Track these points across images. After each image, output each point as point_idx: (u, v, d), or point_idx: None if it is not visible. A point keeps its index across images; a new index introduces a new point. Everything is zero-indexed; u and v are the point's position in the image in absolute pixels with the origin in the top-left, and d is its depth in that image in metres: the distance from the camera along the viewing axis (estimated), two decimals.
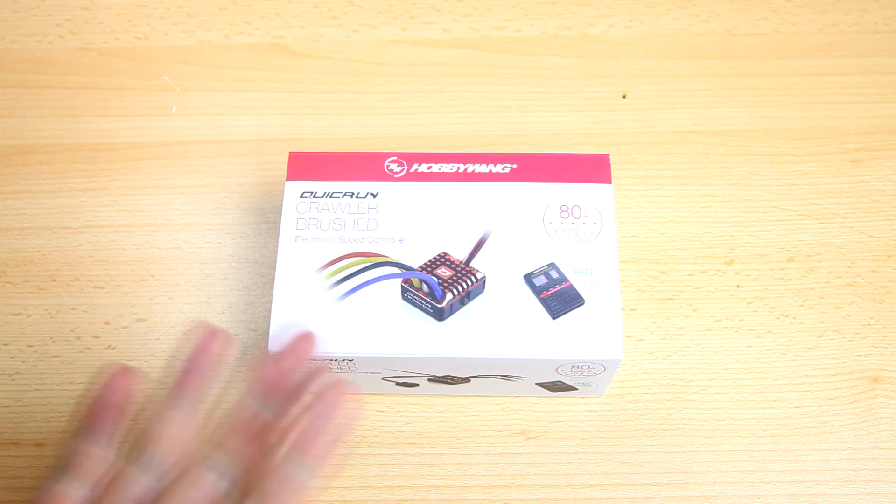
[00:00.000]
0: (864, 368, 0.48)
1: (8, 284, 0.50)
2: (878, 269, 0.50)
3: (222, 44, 0.57)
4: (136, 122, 0.55)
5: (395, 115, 0.55)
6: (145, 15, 0.58)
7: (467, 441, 0.47)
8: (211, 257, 0.51)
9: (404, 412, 0.47)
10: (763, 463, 0.46)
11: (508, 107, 0.55)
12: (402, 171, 0.45)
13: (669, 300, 0.50)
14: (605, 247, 0.44)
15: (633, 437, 0.47)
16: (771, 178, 0.53)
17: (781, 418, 0.47)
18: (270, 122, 0.55)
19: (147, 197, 0.53)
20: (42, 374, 0.48)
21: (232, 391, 0.36)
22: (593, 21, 0.58)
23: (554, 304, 0.42)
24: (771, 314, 0.49)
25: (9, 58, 0.57)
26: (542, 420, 0.47)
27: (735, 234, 0.51)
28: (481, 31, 0.58)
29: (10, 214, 0.52)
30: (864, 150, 0.54)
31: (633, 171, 0.53)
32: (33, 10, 0.59)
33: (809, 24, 0.57)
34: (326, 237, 0.44)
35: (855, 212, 0.52)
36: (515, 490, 0.46)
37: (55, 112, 0.55)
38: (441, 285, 0.42)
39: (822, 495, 0.45)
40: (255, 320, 0.49)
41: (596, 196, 0.45)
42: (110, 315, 0.50)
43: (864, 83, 0.55)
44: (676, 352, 0.48)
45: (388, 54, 0.57)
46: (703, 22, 0.58)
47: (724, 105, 0.55)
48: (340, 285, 0.43)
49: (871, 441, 0.46)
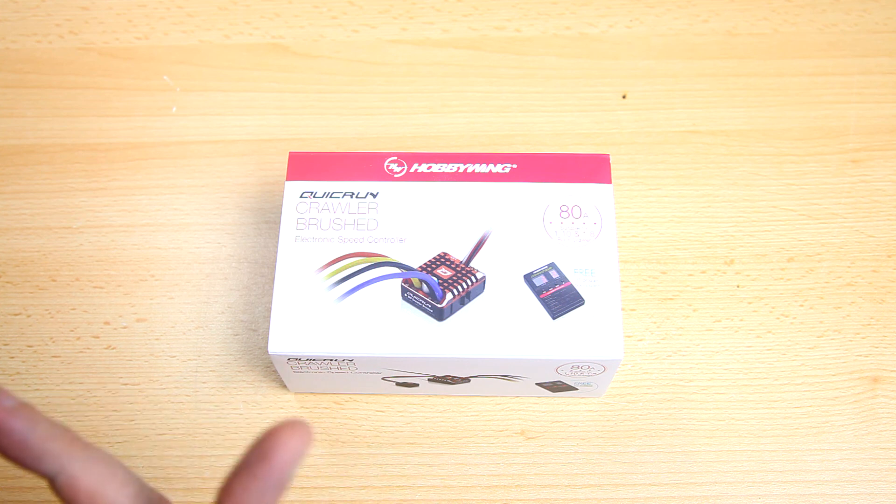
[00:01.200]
0: (864, 368, 0.48)
1: (8, 284, 0.50)
2: (878, 269, 0.50)
3: (222, 44, 0.57)
4: (136, 122, 0.55)
5: (395, 115, 0.55)
6: (145, 15, 0.58)
7: (467, 441, 0.47)
8: (211, 257, 0.51)
9: (404, 412, 0.47)
10: (763, 463, 0.46)
11: (508, 107, 0.55)
12: (402, 171, 0.45)
13: (669, 300, 0.50)
14: (605, 247, 0.44)
15: (633, 437, 0.47)
16: (771, 178, 0.53)
17: (781, 418, 0.47)
18: (270, 122, 0.55)
19: (147, 197, 0.53)
20: (42, 374, 0.48)
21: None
22: (593, 21, 0.58)
23: (554, 304, 0.42)
24: (771, 314, 0.49)
25: (9, 58, 0.57)
26: (542, 420, 0.47)
27: (735, 234, 0.51)
28: (481, 31, 0.58)
29: (10, 214, 0.52)
30: (864, 150, 0.54)
31: (633, 171, 0.53)
32: (33, 10, 0.59)
33: (809, 24, 0.57)
34: (326, 237, 0.44)
35: (855, 212, 0.52)
36: (515, 490, 0.46)
37: (55, 112, 0.55)
38: (441, 285, 0.42)
39: (822, 495, 0.45)
40: (255, 320, 0.49)
41: (596, 196, 0.45)
42: (110, 315, 0.50)
43: (864, 83, 0.55)
44: (676, 352, 0.48)
45: (388, 54, 0.57)
46: (703, 22, 0.58)
47: (724, 105, 0.55)
48: (340, 285, 0.43)
49: (871, 441, 0.46)
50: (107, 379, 0.48)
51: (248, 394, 0.48)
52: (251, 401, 0.47)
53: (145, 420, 0.47)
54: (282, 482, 0.28)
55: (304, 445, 0.28)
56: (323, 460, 0.46)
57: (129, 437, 0.47)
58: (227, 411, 0.47)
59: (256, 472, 0.27)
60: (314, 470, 0.46)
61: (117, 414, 0.47)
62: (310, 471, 0.46)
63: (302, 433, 0.28)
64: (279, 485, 0.28)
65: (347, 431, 0.47)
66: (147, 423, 0.47)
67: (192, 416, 0.47)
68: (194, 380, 0.48)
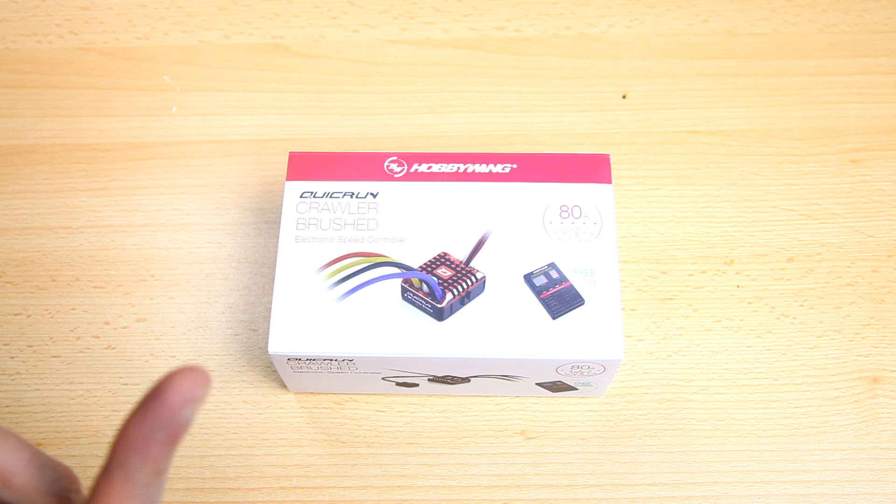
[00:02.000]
0: (864, 368, 0.48)
1: (8, 284, 0.50)
2: (878, 269, 0.50)
3: (222, 44, 0.57)
4: (136, 122, 0.55)
5: (395, 115, 0.55)
6: (145, 15, 0.58)
7: (467, 441, 0.47)
8: (211, 257, 0.51)
9: (404, 412, 0.47)
10: (763, 463, 0.46)
11: (508, 107, 0.55)
12: (402, 171, 0.45)
13: (669, 300, 0.50)
14: (605, 247, 0.44)
15: (633, 437, 0.47)
16: (771, 178, 0.53)
17: (781, 418, 0.47)
18: (270, 122, 0.55)
19: (147, 197, 0.53)
20: (42, 374, 0.48)
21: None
22: (593, 21, 0.58)
23: (554, 304, 0.42)
24: (771, 314, 0.49)
25: (9, 58, 0.57)
26: (542, 420, 0.47)
27: (735, 234, 0.51)
28: (481, 31, 0.58)
29: (10, 214, 0.52)
30: (864, 150, 0.54)
31: (633, 171, 0.53)
32: (33, 10, 0.59)
33: (809, 24, 0.57)
34: (326, 237, 0.44)
35: (855, 212, 0.52)
36: (515, 490, 0.46)
37: (55, 112, 0.55)
38: (441, 285, 0.42)
39: (822, 495, 0.45)
40: (255, 320, 0.49)
41: (596, 196, 0.45)
42: (110, 315, 0.50)
43: (864, 83, 0.55)
44: (676, 352, 0.48)
45: (388, 54, 0.57)
46: (703, 22, 0.58)
47: (724, 105, 0.55)
48: (340, 285, 0.43)
49: (871, 441, 0.46)
50: (107, 379, 0.48)
51: (249, 394, 0.48)
52: (251, 401, 0.47)
53: None
54: (173, 423, 0.28)
55: (197, 388, 0.28)
56: (323, 460, 0.46)
57: None
58: (227, 411, 0.47)
59: (148, 409, 0.28)
60: (314, 470, 0.46)
61: (117, 414, 0.47)
62: (310, 471, 0.46)
63: (196, 376, 0.28)
64: (170, 425, 0.28)
65: (347, 431, 0.47)
66: None
67: None
68: None
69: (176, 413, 0.28)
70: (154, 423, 0.28)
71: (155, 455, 0.28)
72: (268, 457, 0.46)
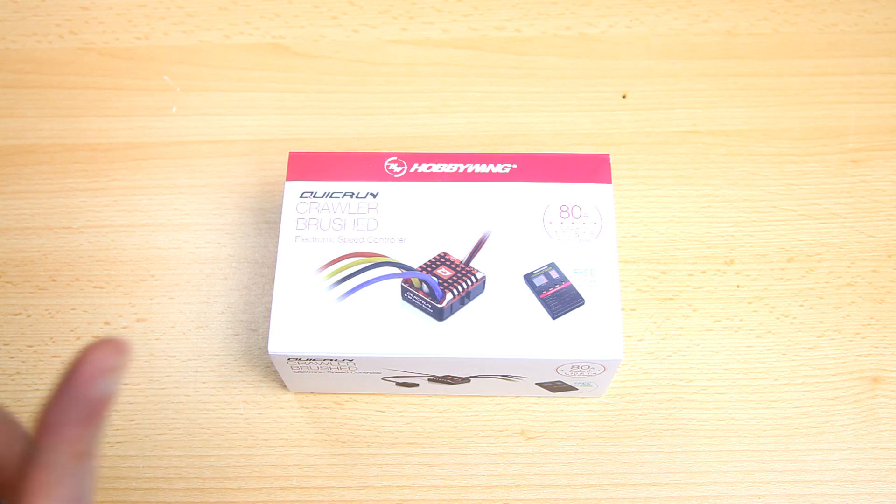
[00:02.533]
0: (864, 368, 0.48)
1: (8, 284, 0.50)
2: (878, 269, 0.50)
3: (222, 44, 0.57)
4: (136, 122, 0.55)
5: (395, 115, 0.55)
6: (145, 15, 0.58)
7: (467, 441, 0.47)
8: (211, 257, 0.51)
9: (404, 412, 0.47)
10: (763, 463, 0.46)
11: (508, 107, 0.55)
12: (402, 171, 0.45)
13: (669, 300, 0.50)
14: (605, 247, 0.44)
15: (633, 437, 0.47)
16: (771, 178, 0.53)
17: (781, 418, 0.47)
18: (270, 122, 0.55)
19: (147, 197, 0.53)
20: (42, 374, 0.48)
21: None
22: (593, 21, 0.58)
23: (554, 304, 0.42)
24: (771, 314, 0.49)
25: (9, 58, 0.57)
26: (542, 420, 0.47)
27: (735, 234, 0.51)
28: (481, 31, 0.58)
29: (10, 214, 0.52)
30: (864, 150, 0.54)
31: (633, 171, 0.53)
32: (33, 10, 0.59)
33: (809, 24, 0.57)
34: (326, 237, 0.44)
35: (855, 212, 0.52)
36: (515, 490, 0.46)
37: (55, 112, 0.55)
38: (441, 285, 0.42)
39: (822, 495, 0.45)
40: (255, 320, 0.49)
41: (596, 196, 0.45)
42: (110, 315, 0.50)
43: (864, 83, 0.55)
44: (676, 352, 0.48)
45: (388, 54, 0.57)
46: (703, 22, 0.58)
47: (724, 105, 0.55)
48: (340, 285, 0.43)
49: (871, 441, 0.46)
50: None
51: (249, 394, 0.48)
52: (251, 401, 0.47)
53: (145, 420, 0.47)
54: (88, 399, 0.26)
55: (110, 358, 0.27)
56: (323, 460, 0.46)
57: (129, 437, 0.47)
58: (227, 411, 0.47)
59: (61, 388, 0.27)
60: (314, 470, 0.46)
61: (117, 414, 0.47)
62: (310, 471, 0.46)
63: (109, 347, 0.27)
64: (86, 402, 0.26)
65: (347, 431, 0.47)
66: (147, 423, 0.47)
67: (192, 416, 0.47)
68: (194, 380, 0.48)
69: (89, 387, 0.26)
70: (68, 401, 0.26)
71: (72, 435, 0.26)
72: (268, 457, 0.46)
